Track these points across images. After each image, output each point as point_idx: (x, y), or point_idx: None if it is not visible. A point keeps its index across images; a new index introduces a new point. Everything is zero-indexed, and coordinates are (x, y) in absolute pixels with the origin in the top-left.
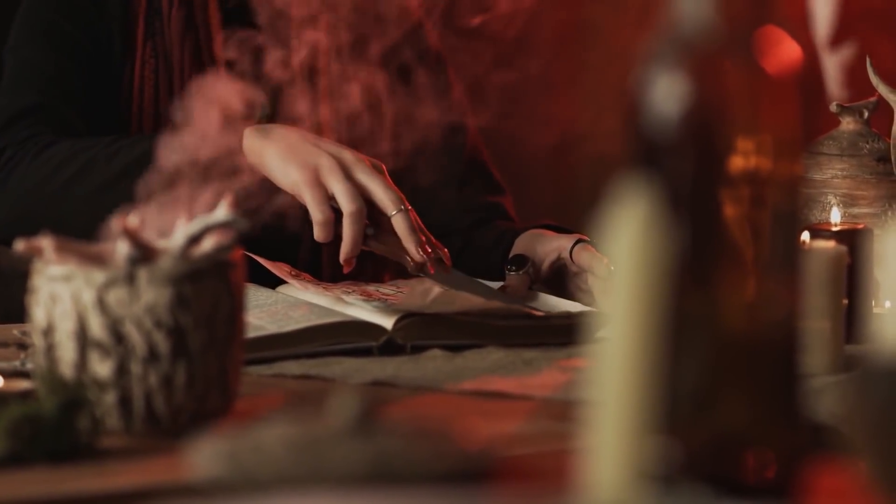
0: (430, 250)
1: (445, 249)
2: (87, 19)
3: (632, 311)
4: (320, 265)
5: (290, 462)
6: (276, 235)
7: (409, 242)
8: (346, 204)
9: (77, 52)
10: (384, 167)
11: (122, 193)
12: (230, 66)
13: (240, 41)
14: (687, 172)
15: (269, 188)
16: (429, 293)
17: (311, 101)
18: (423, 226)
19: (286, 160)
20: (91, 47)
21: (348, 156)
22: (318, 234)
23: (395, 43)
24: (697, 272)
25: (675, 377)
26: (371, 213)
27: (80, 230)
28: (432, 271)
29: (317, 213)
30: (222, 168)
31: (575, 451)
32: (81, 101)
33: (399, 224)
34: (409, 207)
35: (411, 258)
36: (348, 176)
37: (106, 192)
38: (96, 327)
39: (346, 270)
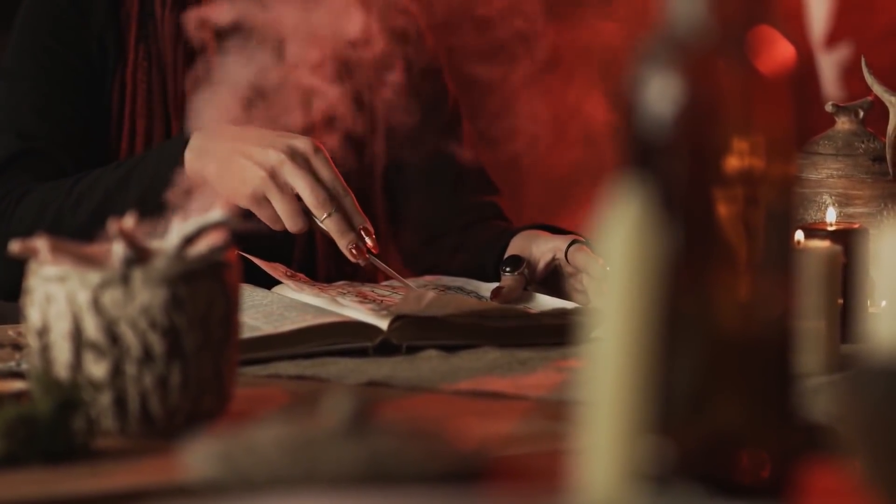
0: (362, 249)
1: (373, 235)
2: (76, 35)
3: (626, 310)
4: (315, 264)
5: (284, 463)
6: (269, 235)
7: (340, 244)
8: (287, 225)
9: (67, 73)
10: (318, 144)
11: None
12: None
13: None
14: (680, 172)
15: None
16: (423, 298)
17: (303, 102)
18: (359, 209)
19: (227, 180)
20: (81, 64)
21: (274, 158)
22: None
23: (393, 50)
24: (691, 272)
25: (669, 377)
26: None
27: None
28: (368, 268)
29: (273, 226)
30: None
31: (569, 451)
32: (69, 126)
33: (329, 228)
34: (334, 208)
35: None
36: (282, 185)
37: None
38: (91, 328)
39: None
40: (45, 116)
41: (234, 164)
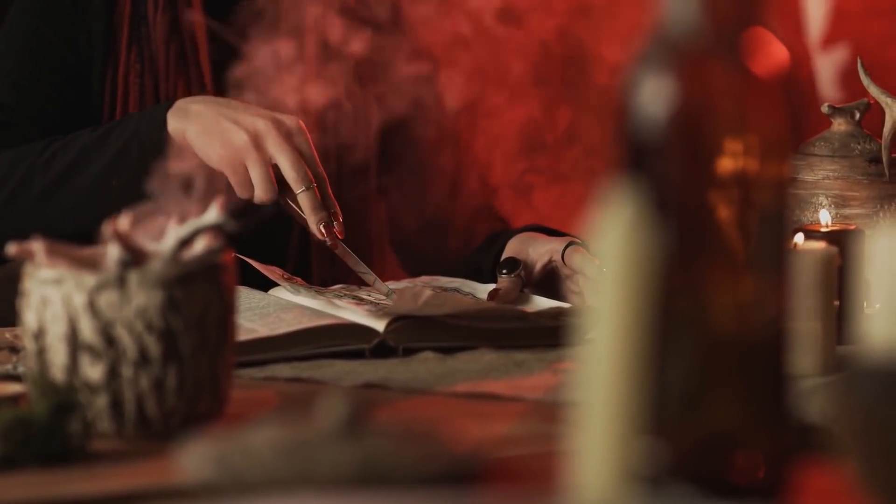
0: (331, 229)
1: (340, 220)
2: (68, 25)
3: (620, 312)
4: (310, 267)
5: (279, 465)
6: (263, 235)
7: (311, 221)
8: (258, 192)
9: (54, 60)
10: (301, 124)
11: (64, 197)
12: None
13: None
14: (675, 174)
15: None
16: (420, 296)
17: (297, 101)
18: (331, 194)
19: (207, 141)
20: (70, 54)
21: (262, 126)
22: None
23: (384, 46)
24: (686, 273)
25: (663, 378)
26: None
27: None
28: (335, 249)
29: (240, 192)
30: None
31: (565, 452)
32: (47, 106)
33: (303, 202)
34: (315, 183)
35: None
36: (263, 153)
37: (48, 198)
38: (87, 331)
39: None
40: (25, 94)
41: (218, 126)
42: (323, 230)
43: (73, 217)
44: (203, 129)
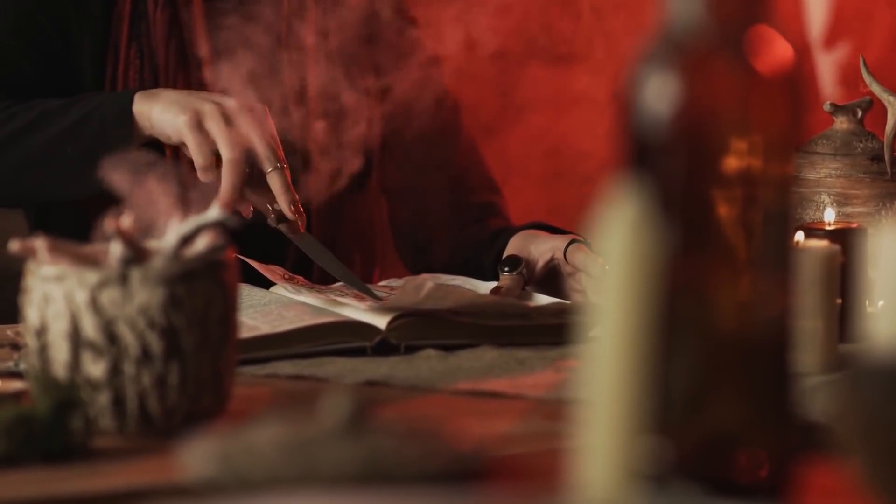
0: (301, 211)
1: (301, 210)
2: (63, 15)
3: (624, 310)
4: (310, 266)
5: (282, 462)
6: (262, 232)
7: (282, 200)
8: (224, 151)
9: (44, 44)
10: (268, 113)
11: (14, 154)
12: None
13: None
14: (678, 172)
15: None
16: (421, 289)
17: (298, 99)
18: (291, 185)
19: (170, 112)
20: (61, 44)
21: (231, 103)
22: (201, 177)
23: (387, 44)
24: (689, 271)
25: (667, 377)
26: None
27: None
28: (302, 230)
29: (198, 158)
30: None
31: (568, 450)
32: (31, 90)
33: (274, 181)
34: (285, 164)
35: (283, 214)
36: (230, 123)
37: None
38: (89, 328)
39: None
40: (10, 70)
41: (185, 100)
42: (293, 211)
43: (22, 176)
44: (168, 104)
